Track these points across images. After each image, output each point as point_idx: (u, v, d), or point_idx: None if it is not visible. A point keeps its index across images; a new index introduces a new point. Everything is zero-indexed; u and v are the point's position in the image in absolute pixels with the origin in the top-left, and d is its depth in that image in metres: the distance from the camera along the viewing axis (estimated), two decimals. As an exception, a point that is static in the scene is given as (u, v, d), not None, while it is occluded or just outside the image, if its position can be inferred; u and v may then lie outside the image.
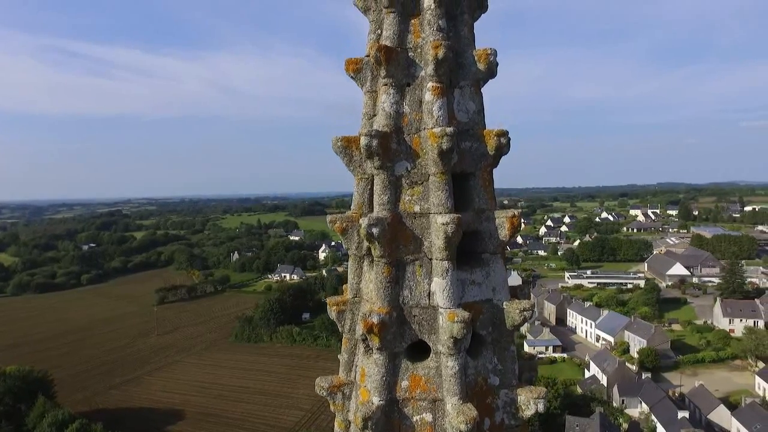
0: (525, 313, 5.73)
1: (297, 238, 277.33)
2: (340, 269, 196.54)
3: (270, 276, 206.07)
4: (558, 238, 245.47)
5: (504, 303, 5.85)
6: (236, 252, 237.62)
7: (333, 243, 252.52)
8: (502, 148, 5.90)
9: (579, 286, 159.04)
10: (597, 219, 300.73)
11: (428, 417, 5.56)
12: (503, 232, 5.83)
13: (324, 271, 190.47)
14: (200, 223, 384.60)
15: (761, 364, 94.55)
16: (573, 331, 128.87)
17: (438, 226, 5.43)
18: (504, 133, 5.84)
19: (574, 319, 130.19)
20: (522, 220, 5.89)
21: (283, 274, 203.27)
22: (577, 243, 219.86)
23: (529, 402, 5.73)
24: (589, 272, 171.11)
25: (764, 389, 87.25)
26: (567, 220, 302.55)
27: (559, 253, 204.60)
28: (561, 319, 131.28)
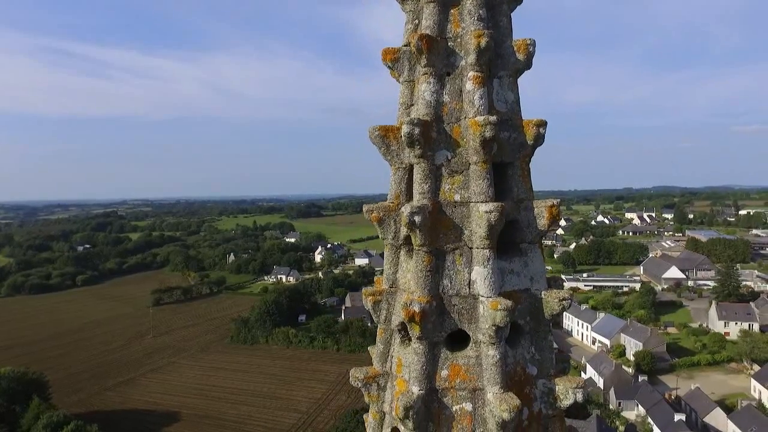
0: (564, 302, 5.74)
1: (293, 240, 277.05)
2: (336, 271, 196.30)
3: (266, 278, 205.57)
4: (554, 241, 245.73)
5: (542, 292, 5.85)
6: (232, 254, 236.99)
7: (329, 245, 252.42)
8: (540, 139, 5.91)
9: (575, 289, 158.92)
10: (593, 222, 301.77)
11: (468, 406, 5.55)
12: (542, 222, 5.84)
13: (320, 273, 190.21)
14: (196, 225, 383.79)
15: (756, 367, 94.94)
16: (569, 333, 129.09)
17: (481, 214, 5.42)
18: (543, 123, 5.84)
19: (570, 321, 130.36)
20: (560, 210, 5.87)
21: (279, 276, 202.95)
22: (573, 246, 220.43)
23: (568, 391, 5.72)
24: (585, 275, 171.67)
25: (760, 392, 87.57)
26: (563, 223, 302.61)
27: (555, 256, 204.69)
28: (557, 322, 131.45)
